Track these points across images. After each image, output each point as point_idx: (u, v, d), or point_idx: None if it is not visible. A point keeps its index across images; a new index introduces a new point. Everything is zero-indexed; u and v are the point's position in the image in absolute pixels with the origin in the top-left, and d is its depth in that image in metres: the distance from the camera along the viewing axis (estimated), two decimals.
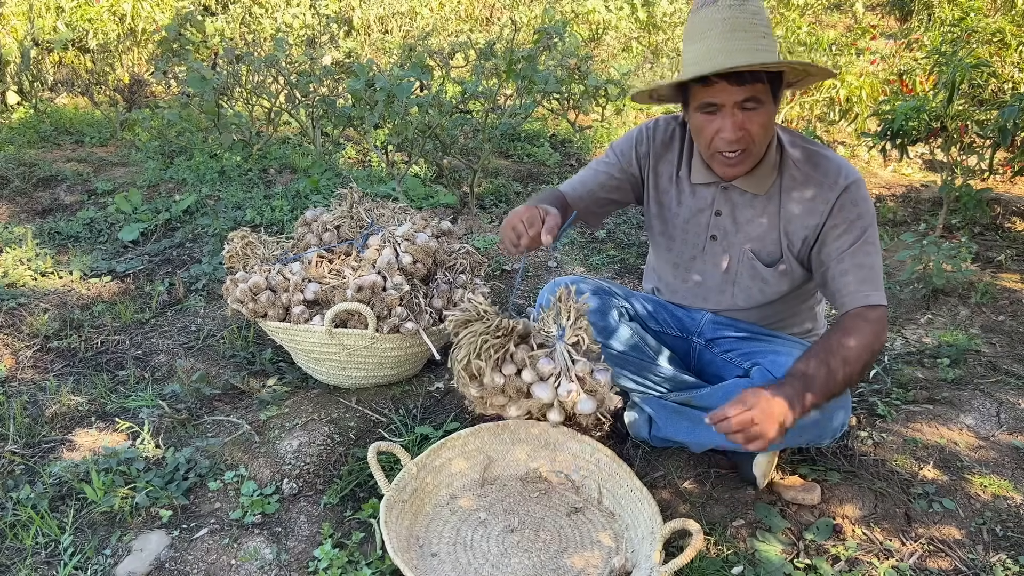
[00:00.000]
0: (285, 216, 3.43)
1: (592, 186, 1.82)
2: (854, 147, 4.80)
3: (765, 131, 1.52)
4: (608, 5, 7.17)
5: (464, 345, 1.60)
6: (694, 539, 1.33)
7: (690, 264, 1.78)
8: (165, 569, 1.54)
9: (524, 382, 1.61)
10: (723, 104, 1.47)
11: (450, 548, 1.55)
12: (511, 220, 1.54)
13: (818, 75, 1.55)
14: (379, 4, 7.14)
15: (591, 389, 1.61)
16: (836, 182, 1.58)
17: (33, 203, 3.72)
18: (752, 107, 1.47)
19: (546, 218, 1.51)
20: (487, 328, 1.60)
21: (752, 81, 1.44)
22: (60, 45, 5.61)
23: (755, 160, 1.58)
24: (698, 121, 1.54)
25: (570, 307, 1.63)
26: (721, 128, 1.49)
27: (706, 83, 1.46)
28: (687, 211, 1.73)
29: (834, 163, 1.61)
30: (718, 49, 1.43)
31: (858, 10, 7.52)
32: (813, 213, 1.60)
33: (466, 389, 1.64)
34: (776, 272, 1.69)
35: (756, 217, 1.66)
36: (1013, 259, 3.21)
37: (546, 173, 4.34)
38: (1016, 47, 3.97)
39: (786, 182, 1.63)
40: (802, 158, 1.62)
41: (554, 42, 3.62)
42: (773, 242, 1.66)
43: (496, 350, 1.59)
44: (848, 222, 1.57)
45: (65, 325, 2.55)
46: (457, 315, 1.64)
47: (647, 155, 1.77)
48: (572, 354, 1.62)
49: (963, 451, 1.89)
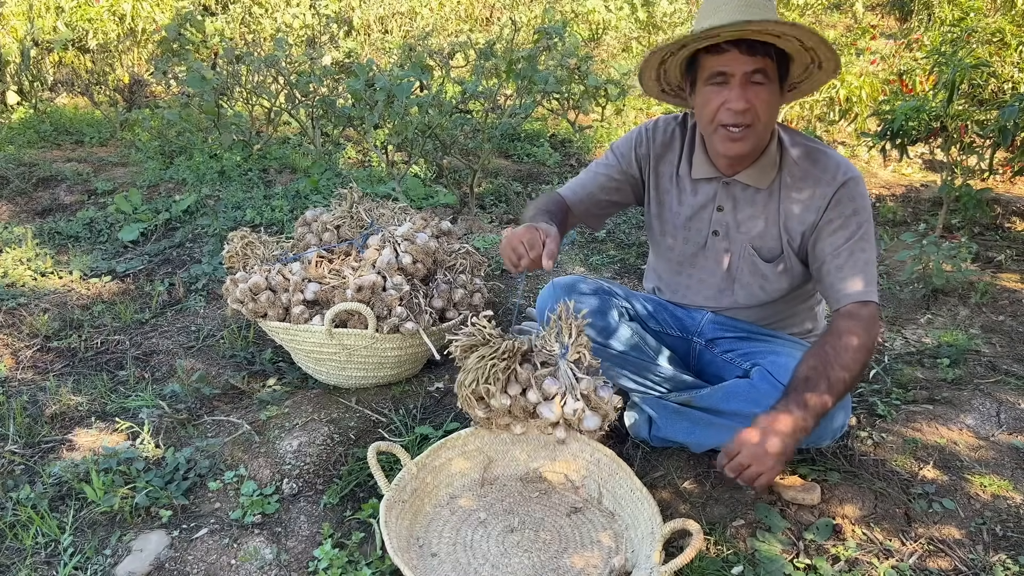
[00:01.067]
0: (285, 216, 3.43)
1: (592, 189, 1.82)
2: (854, 147, 4.80)
3: (769, 112, 1.51)
4: (608, 5, 7.18)
5: (472, 370, 1.63)
6: (694, 539, 1.33)
7: (692, 261, 1.78)
8: (165, 569, 1.54)
9: (530, 402, 1.64)
10: (733, 74, 1.47)
11: (450, 548, 1.55)
12: (511, 241, 1.54)
13: (824, 72, 1.55)
14: (379, 4, 7.14)
15: (595, 406, 1.64)
16: (834, 178, 1.59)
17: (33, 203, 3.72)
18: (760, 81, 1.47)
19: (546, 241, 1.51)
20: (493, 352, 1.62)
21: (763, 54, 1.45)
22: (60, 45, 5.61)
23: (757, 143, 1.57)
24: (705, 95, 1.53)
25: (571, 324, 1.64)
26: (728, 99, 1.48)
27: (717, 51, 1.46)
28: (688, 209, 1.73)
29: (833, 160, 1.61)
30: (733, 13, 1.43)
31: (858, 10, 7.52)
32: (811, 209, 1.61)
33: (472, 411, 1.67)
34: (776, 269, 1.69)
35: (757, 213, 1.66)
36: (1013, 259, 3.20)
37: (546, 173, 4.34)
38: (1016, 47, 3.96)
39: (785, 178, 1.63)
40: (802, 155, 1.62)
41: (554, 42, 3.62)
42: (773, 238, 1.67)
43: (502, 372, 1.62)
44: (844, 217, 1.57)
45: (65, 325, 2.55)
46: (462, 340, 1.66)
47: (647, 155, 1.77)
48: (575, 372, 1.64)
49: (963, 451, 1.89)
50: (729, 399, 1.67)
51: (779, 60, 1.50)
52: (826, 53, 1.48)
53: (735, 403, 1.65)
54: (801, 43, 1.46)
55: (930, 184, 4.25)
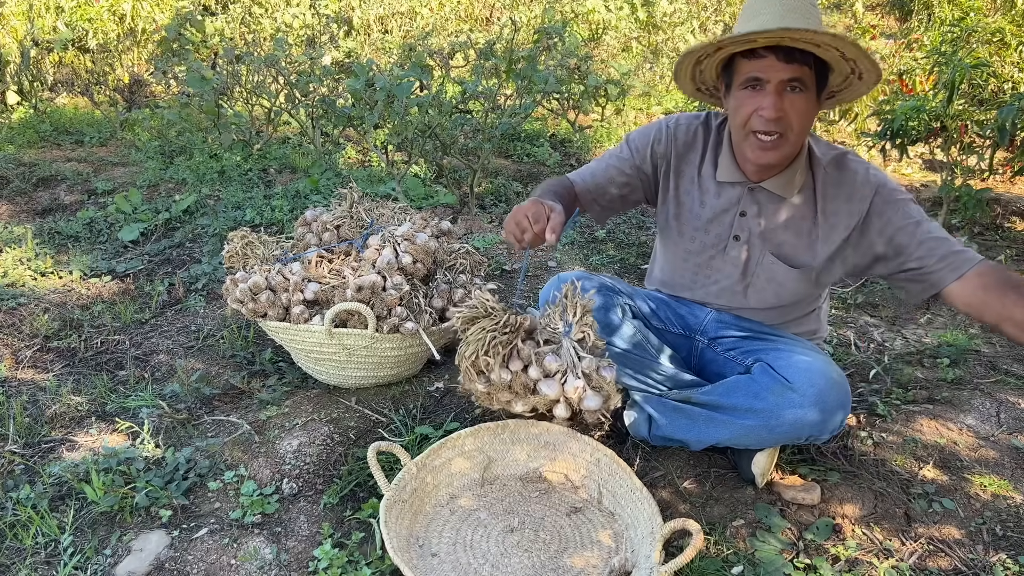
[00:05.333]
0: (285, 216, 3.43)
1: (601, 179, 1.79)
2: (854, 147, 4.80)
3: (803, 121, 1.49)
4: (608, 5, 7.17)
5: (472, 342, 1.60)
6: (694, 539, 1.33)
7: (709, 263, 1.76)
8: (165, 569, 1.54)
9: (531, 379, 1.61)
10: (768, 80, 1.44)
11: (450, 548, 1.55)
12: (516, 214, 1.51)
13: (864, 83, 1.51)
14: (379, 4, 7.14)
15: (597, 386, 1.62)
16: (867, 183, 1.58)
17: (33, 203, 3.72)
18: (796, 89, 1.45)
19: (551, 215, 1.48)
20: (495, 324, 1.59)
21: (801, 61, 1.42)
22: (60, 45, 5.61)
23: (788, 153, 1.54)
24: (739, 99, 1.51)
25: (576, 303, 1.62)
26: (762, 106, 1.46)
27: (754, 56, 1.44)
28: (710, 211, 1.71)
29: (859, 164, 1.61)
30: (774, 18, 1.40)
31: (858, 10, 7.52)
32: (853, 214, 1.59)
33: (473, 385, 1.64)
34: (797, 275, 1.67)
35: (785, 220, 1.64)
36: (1013, 259, 3.20)
37: (546, 173, 4.34)
38: (1016, 47, 3.96)
39: (819, 186, 1.61)
40: (831, 163, 1.61)
41: (554, 42, 3.62)
42: (804, 246, 1.65)
43: (504, 346, 1.59)
44: (901, 212, 1.56)
45: (65, 325, 2.55)
46: (464, 311, 1.63)
47: (666, 154, 1.74)
48: (578, 350, 1.62)
49: (963, 451, 1.89)
50: (729, 394, 1.66)
51: (818, 68, 1.46)
52: (867, 65, 1.44)
53: (735, 397, 1.64)
54: (841, 54, 1.42)
55: (930, 184, 4.25)
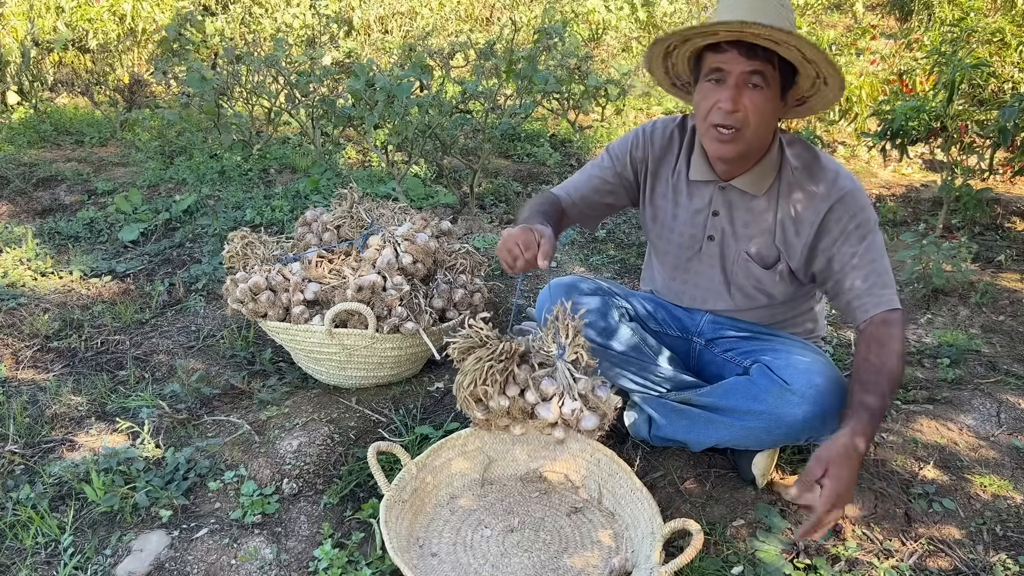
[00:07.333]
0: (285, 216, 3.43)
1: (586, 191, 1.81)
2: (854, 147, 4.80)
3: (761, 117, 1.49)
4: (608, 5, 7.18)
5: (469, 372, 1.63)
6: (694, 539, 1.33)
7: (687, 265, 1.78)
8: (165, 569, 1.54)
9: (528, 403, 1.64)
10: (730, 72, 1.45)
11: (450, 548, 1.55)
12: (506, 242, 1.53)
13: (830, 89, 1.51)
14: (379, 4, 7.14)
15: (593, 406, 1.64)
16: (830, 193, 1.56)
17: (33, 203, 3.72)
18: (757, 86, 1.46)
19: (541, 241, 1.51)
20: (491, 354, 1.62)
21: (763, 58, 1.43)
22: (60, 45, 5.61)
23: (745, 149, 1.55)
24: (702, 91, 1.52)
25: (568, 325, 1.65)
26: (721, 99, 1.47)
27: (719, 49, 1.45)
28: (685, 212, 1.73)
29: (831, 171, 1.59)
30: (739, 13, 1.42)
31: (858, 10, 7.52)
32: (806, 223, 1.59)
33: (471, 412, 1.67)
34: (772, 274, 1.68)
35: (753, 219, 1.65)
36: (1013, 259, 3.20)
37: (546, 173, 4.34)
38: (1016, 47, 3.97)
39: (783, 187, 1.61)
40: (800, 165, 1.61)
41: (554, 42, 3.62)
42: (769, 245, 1.66)
43: (500, 373, 1.62)
44: (846, 233, 1.56)
45: (65, 325, 2.55)
46: (460, 342, 1.66)
47: (644, 159, 1.76)
48: (573, 372, 1.64)
49: (963, 451, 1.89)
50: (728, 395, 1.67)
51: (785, 69, 1.47)
52: (828, 70, 1.44)
53: (734, 399, 1.65)
54: (803, 55, 1.43)
55: (930, 184, 4.25)
